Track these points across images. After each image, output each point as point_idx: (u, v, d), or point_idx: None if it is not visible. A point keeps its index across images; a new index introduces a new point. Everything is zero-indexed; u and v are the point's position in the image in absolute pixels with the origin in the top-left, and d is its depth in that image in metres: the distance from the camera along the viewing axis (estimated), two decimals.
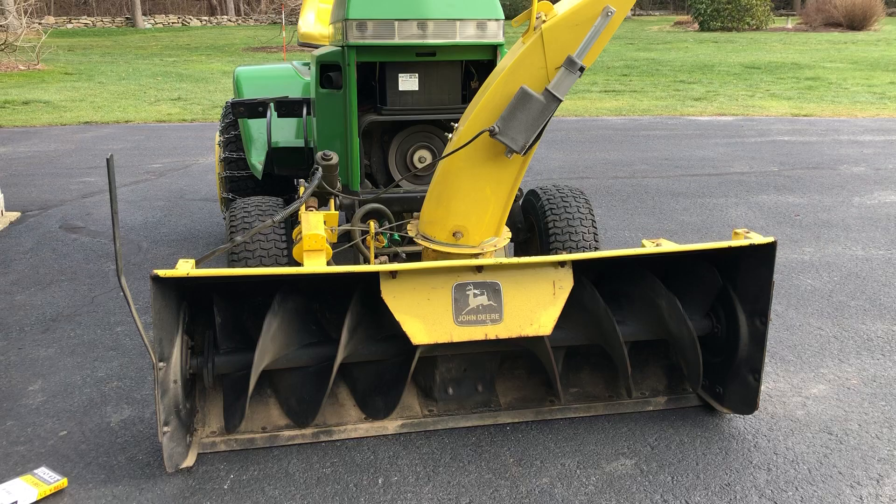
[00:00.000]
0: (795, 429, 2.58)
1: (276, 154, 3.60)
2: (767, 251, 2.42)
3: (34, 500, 2.18)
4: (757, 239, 2.43)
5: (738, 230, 2.49)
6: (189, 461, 2.32)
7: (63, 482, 2.25)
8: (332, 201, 3.05)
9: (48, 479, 2.25)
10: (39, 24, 23.62)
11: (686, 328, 2.49)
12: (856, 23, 25.10)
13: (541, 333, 2.39)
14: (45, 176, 6.69)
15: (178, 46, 21.68)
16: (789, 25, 27.16)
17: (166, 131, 9.30)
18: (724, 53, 18.59)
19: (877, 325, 3.45)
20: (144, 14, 30.95)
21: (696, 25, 27.07)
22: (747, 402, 2.56)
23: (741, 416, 2.64)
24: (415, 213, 3.09)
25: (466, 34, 2.92)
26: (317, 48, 3.78)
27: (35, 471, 2.29)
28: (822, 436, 2.54)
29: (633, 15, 34.44)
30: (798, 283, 3.98)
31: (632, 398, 2.67)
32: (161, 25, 30.77)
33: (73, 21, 29.99)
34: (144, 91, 12.78)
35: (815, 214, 5.33)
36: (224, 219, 3.93)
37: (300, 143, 3.62)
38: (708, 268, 2.59)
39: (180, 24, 31.31)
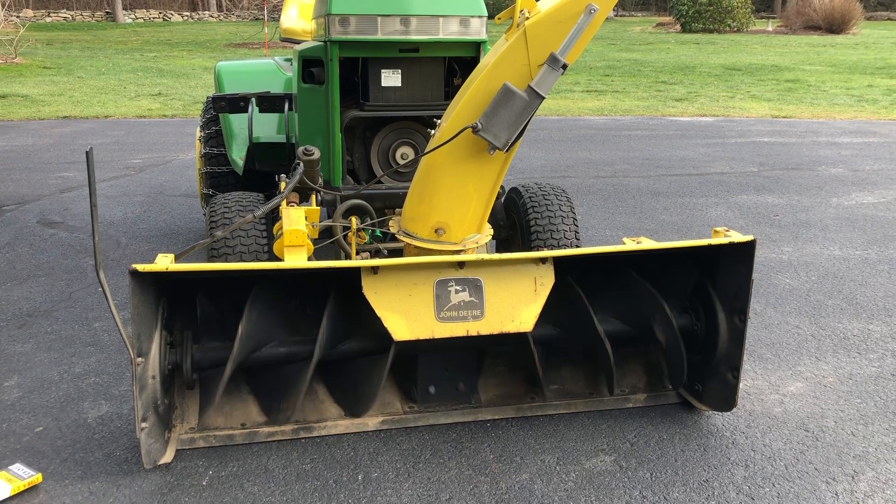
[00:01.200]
0: (773, 426, 2.61)
1: (257, 149, 3.58)
2: (747, 249, 2.44)
3: (7, 496, 2.15)
4: (736, 237, 2.45)
5: (718, 228, 2.51)
6: (167, 457, 2.31)
7: (37, 478, 2.22)
8: (313, 197, 3.04)
9: (22, 475, 2.22)
10: (17, 17, 23.33)
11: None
12: (835, 26, 25.38)
13: (522, 330, 2.39)
14: (23, 170, 6.60)
15: (159, 42, 21.49)
16: (770, 28, 27.40)
17: (146, 127, 9.21)
18: (706, 55, 18.72)
19: (853, 323, 3.49)
20: (125, 9, 30.63)
21: (678, 27, 27.24)
22: (726, 400, 2.58)
23: (720, 413, 2.66)
24: (397, 210, 3.09)
25: (449, 30, 2.92)
26: (299, 44, 3.76)
27: (10, 467, 2.26)
28: (799, 433, 2.57)
29: (616, 16, 34.60)
30: (776, 282, 4.02)
31: (613, 394, 2.68)
32: (142, 20, 30.47)
33: (51, 14, 29.63)
34: (124, 86, 12.66)
35: (794, 214, 5.38)
36: (204, 214, 3.90)
37: (281, 138, 3.61)
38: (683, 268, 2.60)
39: (161, 20, 31.02)
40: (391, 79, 3.00)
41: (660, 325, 2.55)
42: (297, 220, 2.67)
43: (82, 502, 2.16)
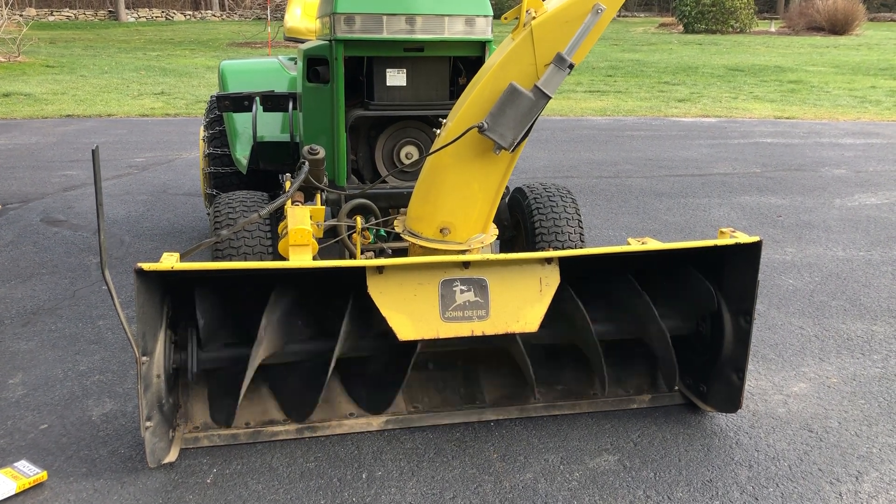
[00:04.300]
0: (777, 426, 2.61)
1: (261, 148, 3.58)
2: (753, 250, 2.44)
3: (12, 492, 2.16)
4: (743, 238, 2.44)
5: (723, 229, 2.51)
6: (171, 456, 2.31)
7: (42, 475, 2.23)
8: (318, 196, 3.04)
9: (27, 472, 2.22)
10: (20, 15, 23.33)
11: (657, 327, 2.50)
12: (838, 27, 25.36)
13: (527, 330, 2.39)
14: (26, 169, 6.61)
15: (162, 41, 21.50)
16: (773, 29, 27.38)
17: (149, 125, 9.22)
18: (708, 55, 18.71)
19: (857, 324, 3.48)
20: (127, 7, 30.67)
21: (681, 27, 27.22)
22: (731, 401, 2.58)
23: (724, 413, 2.65)
24: (401, 209, 3.09)
25: (455, 30, 2.92)
26: (303, 43, 3.76)
27: (15, 464, 2.27)
28: (803, 433, 2.57)
29: (618, 16, 34.57)
30: (780, 282, 4.02)
31: (605, 395, 2.67)
32: (144, 19, 30.51)
33: (54, 13, 29.65)
34: (127, 85, 12.67)
35: (797, 215, 5.38)
36: (208, 214, 3.90)
37: (286, 137, 3.60)
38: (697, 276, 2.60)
39: (164, 19, 31.05)
40: (396, 78, 3.00)
41: (652, 327, 2.54)
42: (302, 219, 2.67)
43: (87, 499, 2.16)
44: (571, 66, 2.26)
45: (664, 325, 2.51)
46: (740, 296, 2.51)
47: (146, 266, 2.08)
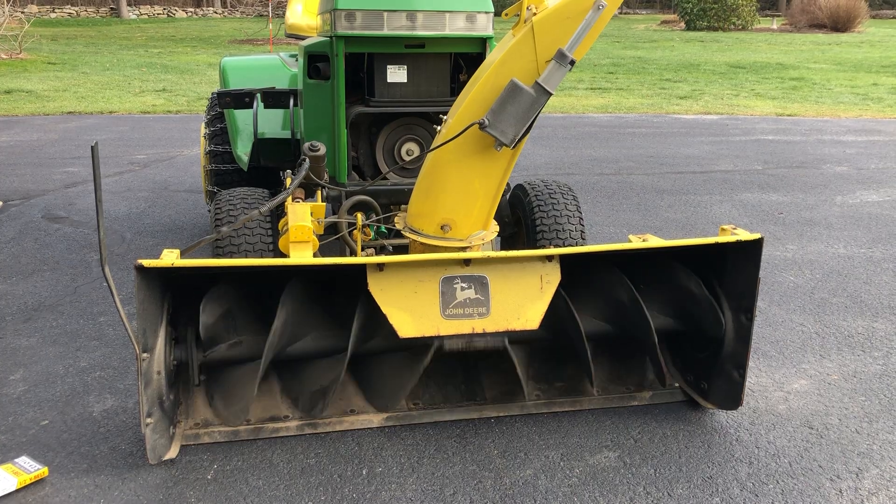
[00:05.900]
0: (777, 423, 2.61)
1: (262, 145, 3.58)
2: (754, 248, 2.44)
3: (13, 488, 2.16)
4: (744, 235, 2.44)
5: (724, 226, 2.51)
6: (172, 453, 2.31)
7: (44, 471, 2.23)
8: (318, 193, 3.04)
9: (28, 468, 2.23)
10: (22, 12, 23.33)
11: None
12: (840, 24, 25.31)
13: (528, 327, 2.40)
14: (28, 165, 6.61)
15: (164, 38, 21.49)
16: (774, 26, 27.34)
17: (151, 122, 9.22)
18: (710, 53, 18.68)
19: (857, 321, 3.48)
20: (129, 4, 30.66)
21: (683, 24, 27.18)
22: (732, 398, 2.58)
23: (724, 410, 2.65)
24: (402, 206, 3.09)
25: (456, 26, 2.92)
26: (304, 39, 3.75)
27: (16, 459, 2.27)
28: (803, 430, 2.57)
29: (620, 13, 34.51)
30: (781, 279, 4.02)
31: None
32: (146, 16, 30.48)
33: (56, 10, 29.65)
34: (129, 82, 12.66)
35: (799, 213, 5.37)
36: (209, 211, 3.90)
37: (287, 134, 3.60)
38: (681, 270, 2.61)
39: (165, 16, 31.02)
40: (397, 74, 3.00)
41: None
42: (303, 216, 2.67)
43: (88, 496, 2.17)
44: (572, 63, 2.26)
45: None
46: (741, 293, 2.51)
47: (146, 263, 2.09)
